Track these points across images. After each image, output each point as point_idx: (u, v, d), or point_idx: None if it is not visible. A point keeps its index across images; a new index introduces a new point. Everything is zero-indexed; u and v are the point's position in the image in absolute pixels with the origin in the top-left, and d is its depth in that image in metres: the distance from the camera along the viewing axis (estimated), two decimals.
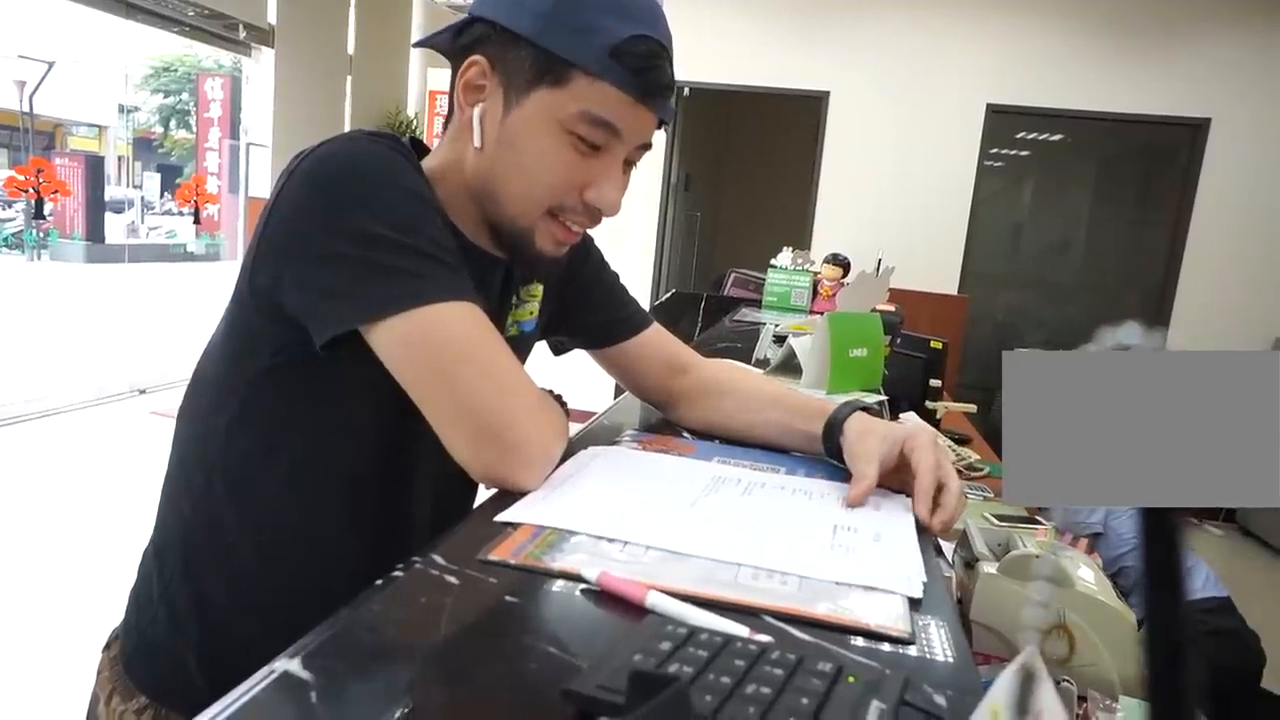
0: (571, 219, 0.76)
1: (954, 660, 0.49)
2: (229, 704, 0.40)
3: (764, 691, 0.39)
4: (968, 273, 5.65)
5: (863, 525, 0.69)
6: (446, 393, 0.66)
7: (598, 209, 0.76)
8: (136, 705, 0.76)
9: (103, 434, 4.48)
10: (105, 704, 0.78)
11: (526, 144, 0.73)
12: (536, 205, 0.75)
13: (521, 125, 0.72)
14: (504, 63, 0.72)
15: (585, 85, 0.70)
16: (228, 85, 13.72)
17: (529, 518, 0.64)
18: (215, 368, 0.76)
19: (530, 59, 0.71)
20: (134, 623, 0.79)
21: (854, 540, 0.65)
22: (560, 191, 0.74)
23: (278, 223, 0.68)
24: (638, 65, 0.70)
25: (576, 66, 0.70)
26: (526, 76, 0.71)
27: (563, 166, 0.73)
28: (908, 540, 0.67)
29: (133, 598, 0.81)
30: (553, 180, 0.74)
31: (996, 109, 5.49)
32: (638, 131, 0.74)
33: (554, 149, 0.72)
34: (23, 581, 2.78)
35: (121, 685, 0.77)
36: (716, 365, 1.03)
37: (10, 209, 14.36)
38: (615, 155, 0.75)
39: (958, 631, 0.53)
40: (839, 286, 2.90)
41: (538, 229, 0.76)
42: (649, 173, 5.91)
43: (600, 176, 0.74)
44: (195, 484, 0.76)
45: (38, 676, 2.27)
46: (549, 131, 0.72)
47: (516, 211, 0.75)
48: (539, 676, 0.45)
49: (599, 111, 0.71)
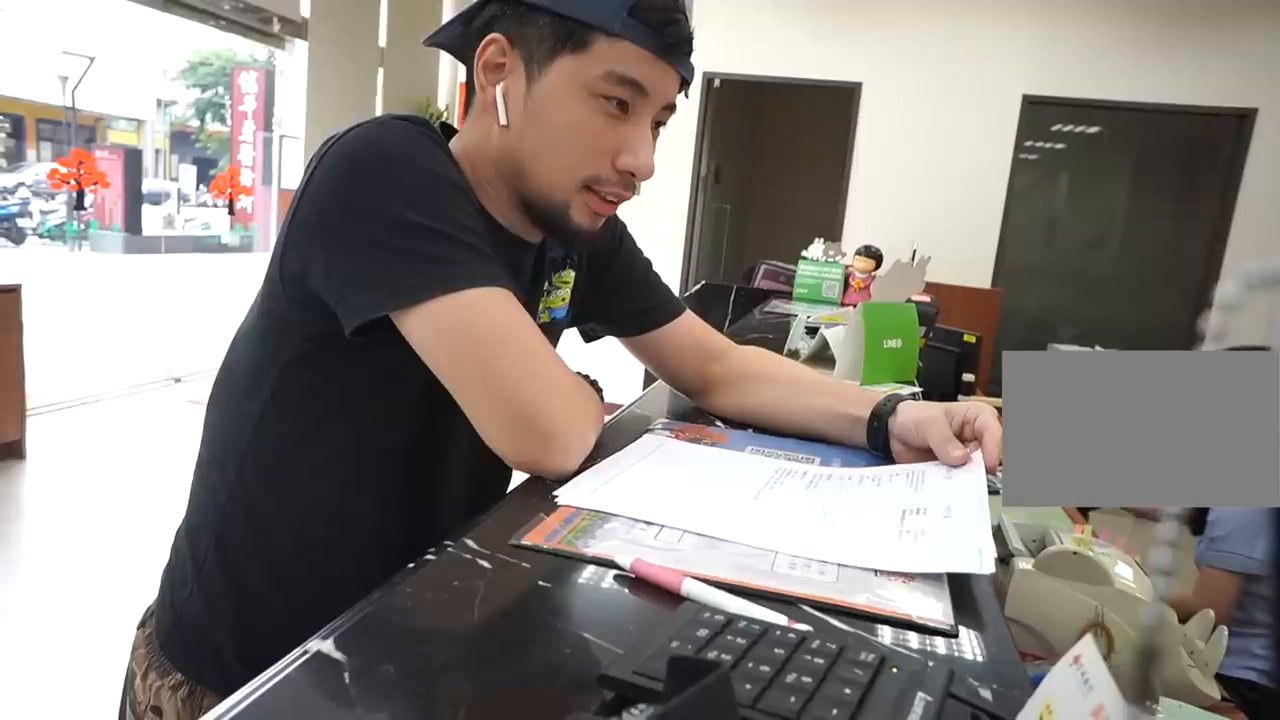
0: (607, 189, 0.75)
1: (997, 654, 0.48)
2: (263, 683, 0.40)
3: (805, 681, 0.38)
4: (1001, 266, 5.57)
5: (933, 503, 0.67)
6: (480, 379, 0.66)
7: (631, 174, 0.75)
8: (172, 681, 0.77)
9: (139, 422, 4.56)
10: (141, 679, 0.79)
11: (555, 114, 0.72)
12: (572, 177, 0.74)
13: (548, 96, 0.71)
14: (522, 37, 0.72)
15: (607, 46, 0.70)
16: (262, 78, 13.88)
17: (585, 500, 0.64)
18: (246, 354, 0.76)
19: (549, 28, 0.70)
20: (168, 602, 0.80)
21: (924, 523, 0.64)
22: (593, 159, 0.73)
23: (307, 209, 0.68)
24: (657, 21, 0.70)
25: (596, 28, 0.69)
26: (547, 46, 0.71)
27: (594, 133, 0.72)
28: (979, 512, 0.65)
29: (166, 576, 0.81)
30: (585, 148, 0.73)
31: (1033, 100, 5.40)
32: (663, 89, 0.73)
33: (583, 116, 0.72)
34: (63, 563, 2.85)
35: (157, 662, 0.78)
36: (752, 352, 1.02)
37: (52, 201, 14.67)
38: (643, 117, 0.74)
39: (1000, 624, 0.52)
40: (871, 279, 2.86)
41: (573, 202, 0.75)
42: (679, 165, 5.89)
43: (631, 140, 0.73)
44: (228, 469, 0.76)
45: (78, 653, 2.32)
46: (576, 99, 0.71)
47: (552, 186, 0.74)
48: (573, 662, 0.45)
49: (624, 70, 0.70)
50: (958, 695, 0.40)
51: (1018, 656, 0.48)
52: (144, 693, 0.78)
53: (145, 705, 0.78)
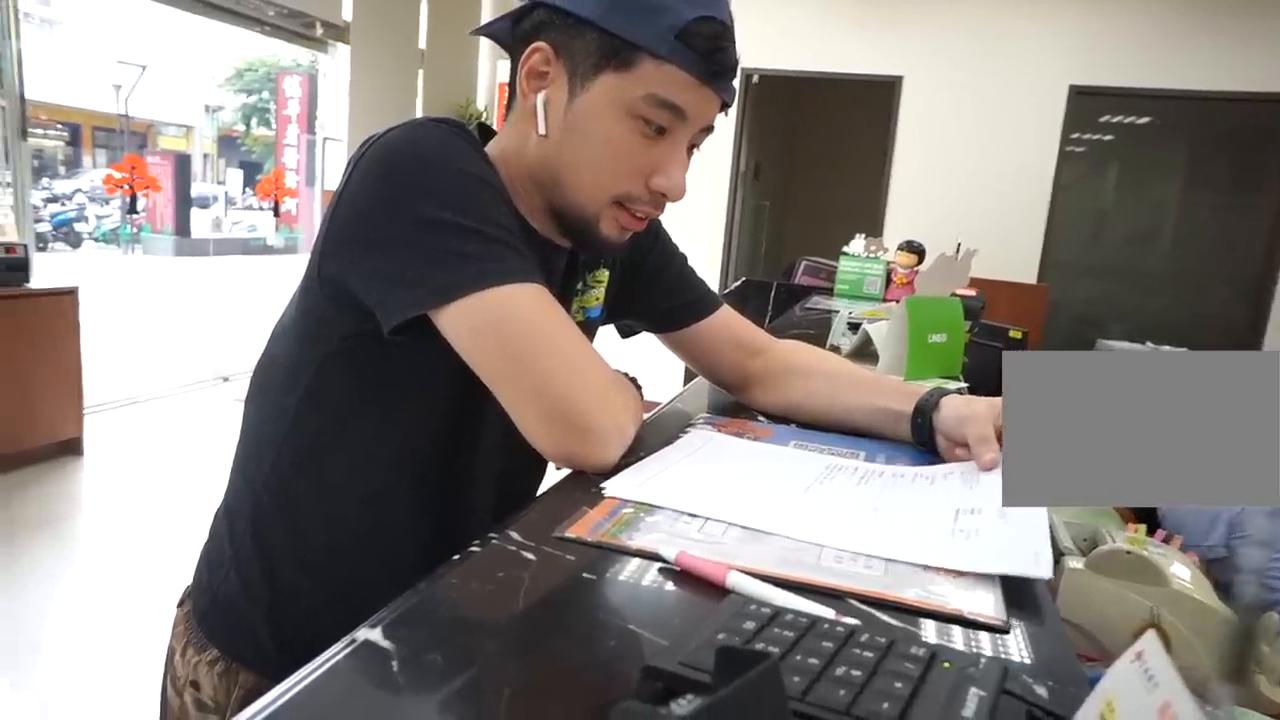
0: (637, 207, 0.75)
1: (1052, 651, 0.47)
2: (312, 670, 0.41)
3: (854, 674, 0.38)
4: (1047, 261, 5.46)
5: (988, 504, 0.66)
6: (517, 375, 0.66)
7: (663, 195, 0.75)
8: (210, 657, 0.79)
9: (189, 419, 4.68)
10: (181, 655, 0.81)
11: (593, 129, 0.72)
12: (604, 193, 0.74)
13: (588, 111, 0.72)
14: (568, 49, 0.72)
15: (652, 68, 0.70)
16: (305, 83, 14.12)
17: (633, 493, 0.64)
18: (284, 350, 0.77)
19: (595, 43, 0.70)
20: (205, 581, 0.82)
21: (978, 522, 0.62)
22: (626, 178, 0.73)
23: (345, 210, 0.69)
24: (704, 47, 0.69)
25: (643, 49, 0.69)
26: (592, 61, 0.71)
27: (629, 152, 0.72)
28: (1036, 514, 0.64)
29: (204, 556, 0.84)
30: (619, 166, 0.73)
31: (1080, 90, 5.28)
32: (702, 114, 0.73)
33: (621, 134, 0.72)
34: (117, 551, 2.94)
35: (195, 639, 0.80)
36: (792, 346, 1.01)
37: (107, 206, 15.12)
38: (680, 139, 0.74)
39: (1055, 621, 0.51)
40: (913, 274, 2.82)
41: (603, 216, 0.75)
42: (717, 162, 5.86)
43: (665, 162, 0.74)
44: (264, 459, 0.78)
45: (131, 632, 2.42)
46: (615, 117, 0.71)
47: (584, 199, 0.75)
48: (618, 653, 0.45)
49: (666, 94, 0.70)
50: (1012, 691, 0.39)
51: (1074, 654, 0.46)
52: (183, 668, 0.80)
53: (184, 680, 0.80)
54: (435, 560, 0.53)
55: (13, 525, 3.07)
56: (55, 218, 14.46)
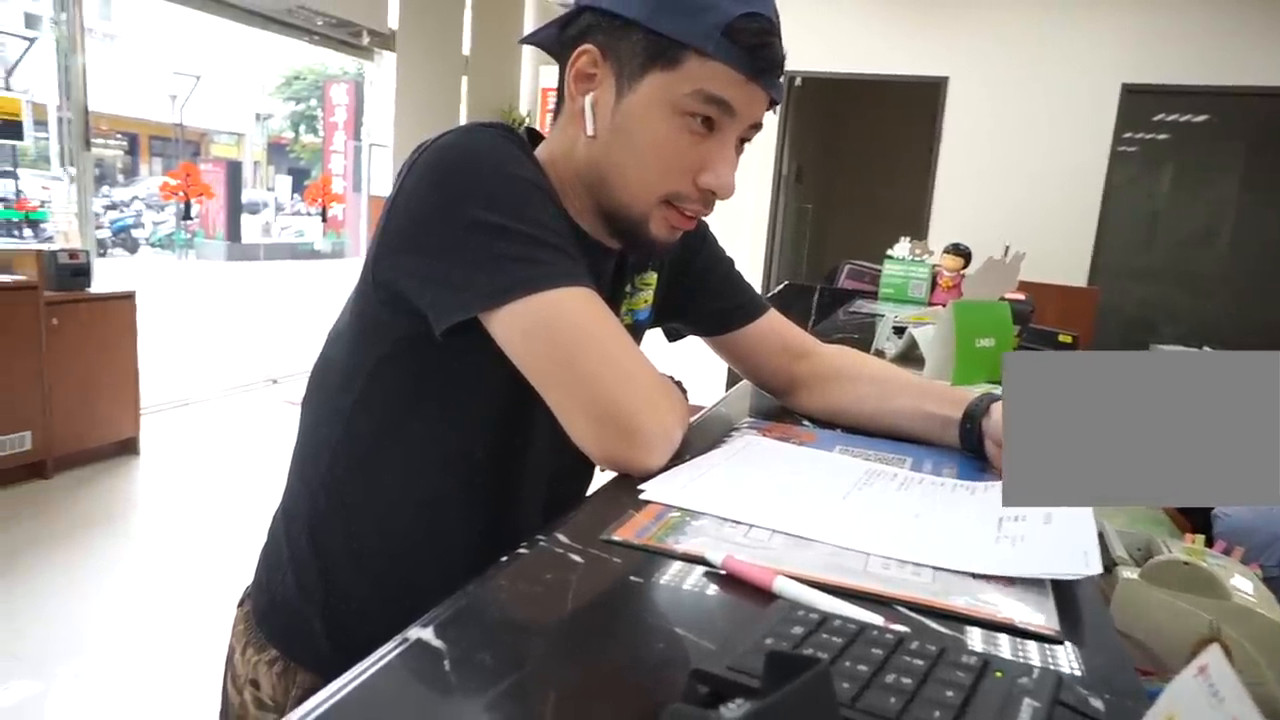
0: (686, 205, 0.76)
1: (1108, 663, 0.46)
2: (366, 668, 0.41)
3: (905, 682, 0.38)
4: (1099, 264, 5.33)
5: (1032, 510, 0.65)
6: (567, 378, 0.67)
7: (712, 193, 0.75)
8: (268, 657, 0.81)
9: (240, 421, 4.79)
10: (241, 654, 0.83)
11: (641, 128, 0.72)
12: (652, 192, 0.74)
13: (636, 110, 0.72)
14: (615, 50, 0.72)
15: (698, 65, 0.70)
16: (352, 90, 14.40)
17: (671, 497, 0.64)
18: (339, 353, 0.79)
19: (642, 43, 0.71)
20: (264, 582, 0.83)
21: (1023, 528, 0.62)
22: (675, 176, 0.74)
23: (398, 215, 0.70)
24: (750, 43, 0.69)
25: (689, 47, 0.69)
26: (639, 61, 0.71)
27: (677, 150, 0.73)
28: (1083, 515, 0.63)
29: (263, 558, 0.85)
30: (668, 164, 0.73)
31: (1133, 89, 5.15)
32: (750, 110, 0.73)
33: (669, 132, 0.72)
34: (173, 548, 3.02)
35: (254, 638, 0.82)
36: (838, 351, 1.00)
37: (162, 212, 15.57)
38: (728, 136, 0.74)
39: (1109, 632, 0.50)
40: (959, 277, 2.78)
41: (652, 216, 0.75)
42: (760, 165, 5.84)
43: (713, 159, 0.74)
44: (320, 461, 0.79)
45: (187, 629, 2.48)
46: (663, 115, 0.72)
47: (632, 199, 0.75)
48: (665, 656, 0.45)
49: (713, 90, 0.70)
50: (1067, 703, 0.39)
51: (1132, 666, 0.45)
52: (243, 666, 0.82)
53: (245, 678, 0.82)
54: (487, 562, 0.53)
55: (75, 521, 3.18)
56: (114, 224, 14.93)
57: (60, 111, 3.94)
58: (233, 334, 7.56)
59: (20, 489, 3.37)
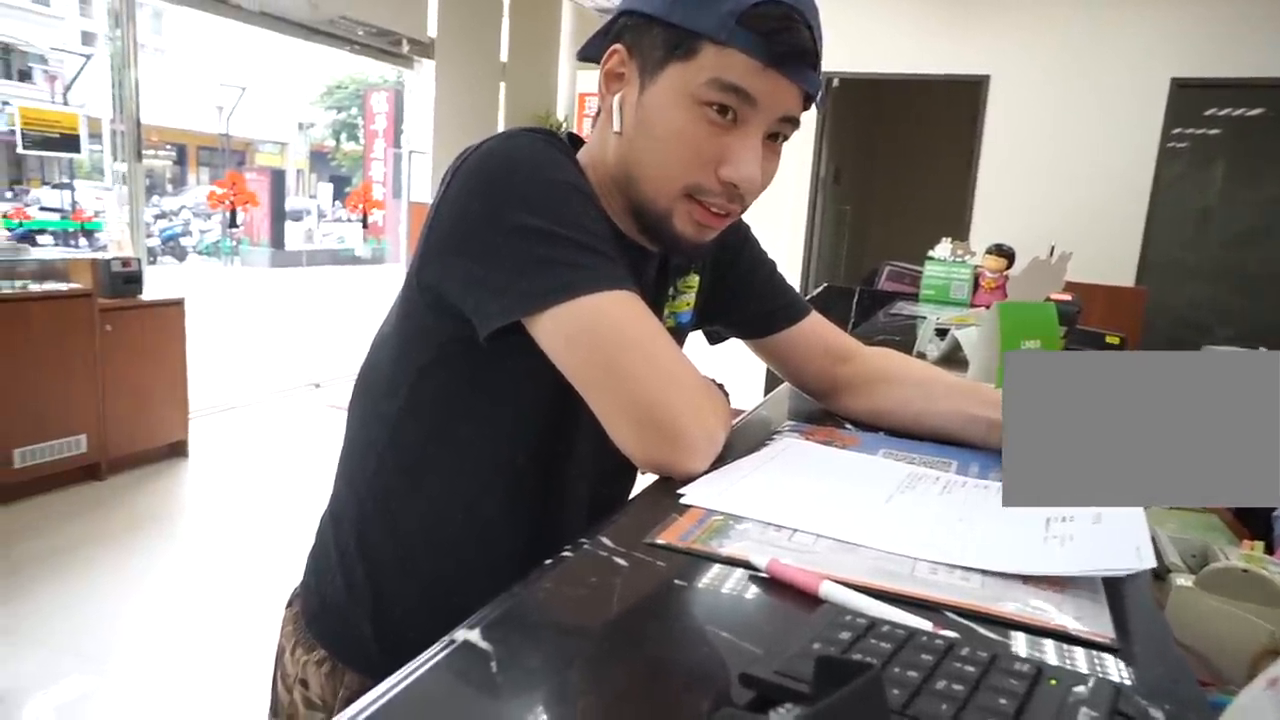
0: (711, 200, 0.74)
1: (1167, 673, 0.44)
2: (413, 670, 0.42)
3: (956, 688, 0.37)
4: (1147, 263, 5.20)
5: (1080, 510, 0.64)
6: (610, 381, 0.67)
7: (734, 186, 0.73)
8: (317, 657, 0.82)
9: (284, 424, 4.88)
10: (290, 654, 0.84)
11: (660, 120, 0.72)
12: (672, 183, 0.73)
13: (655, 102, 0.72)
14: (639, 47, 0.73)
15: (714, 54, 0.69)
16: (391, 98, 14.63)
17: (711, 501, 0.64)
18: (384, 358, 0.80)
19: (661, 36, 0.71)
20: (313, 585, 0.85)
21: (1071, 529, 0.60)
22: (694, 168, 0.72)
23: (442, 221, 0.71)
24: (767, 29, 0.68)
25: (704, 36, 0.69)
26: (659, 54, 0.71)
27: (695, 141, 0.72)
28: (1133, 512, 0.61)
29: (311, 561, 0.87)
30: (685, 155, 0.72)
31: (1182, 83, 5.01)
32: (774, 100, 0.71)
33: (686, 122, 0.71)
34: (221, 549, 3.09)
35: (303, 639, 0.83)
36: (881, 353, 0.99)
37: (209, 220, 15.96)
38: (752, 128, 0.72)
39: (1167, 641, 0.48)
40: (1003, 278, 2.73)
41: (676, 210, 0.75)
42: (797, 168, 5.80)
43: (735, 150, 0.72)
44: (367, 466, 0.80)
45: (236, 629, 2.54)
46: (681, 105, 0.71)
47: (655, 192, 0.74)
48: (710, 660, 0.45)
49: (729, 77, 0.69)
50: (1126, 713, 0.38)
51: (1192, 676, 0.44)
52: (292, 666, 0.84)
53: (294, 678, 0.83)
54: (531, 564, 0.54)
55: (128, 521, 3.26)
56: (163, 233, 15.34)
57: (113, 125, 4.06)
58: (277, 339, 7.72)
59: (77, 490, 3.48)
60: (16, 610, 2.51)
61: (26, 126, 3.71)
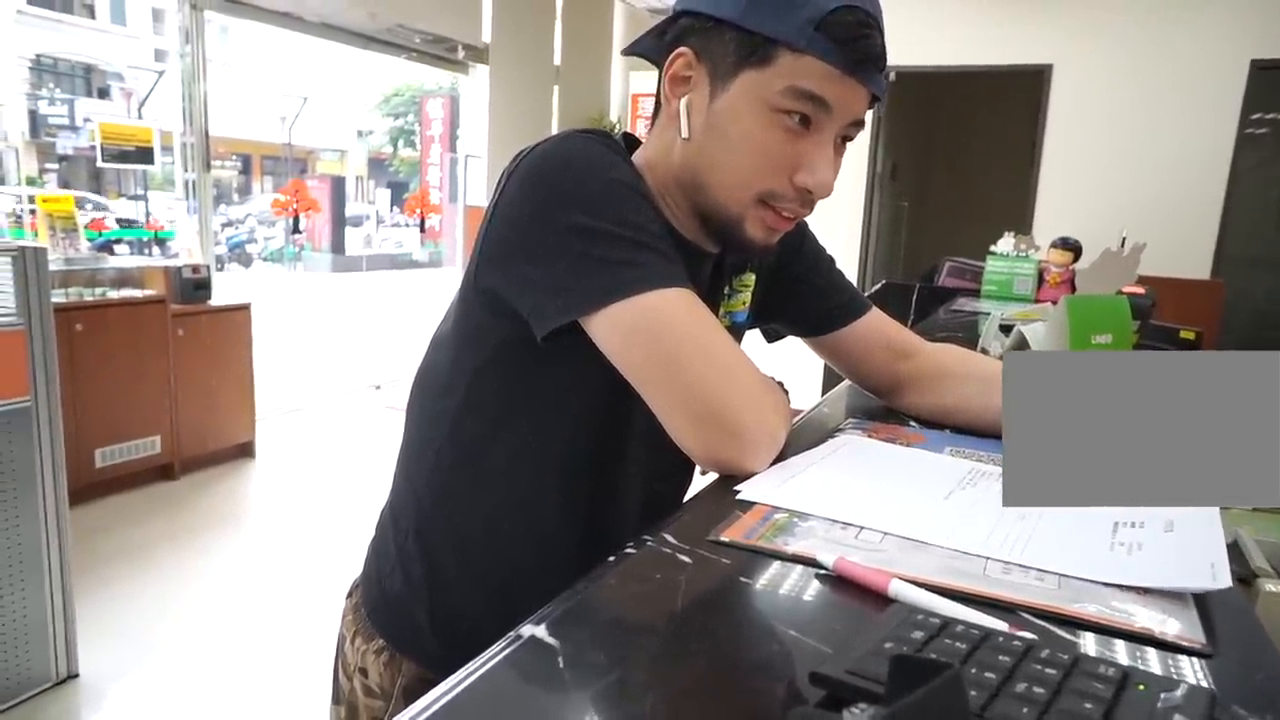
0: (783, 205, 0.74)
1: (1266, 680, 0.42)
2: (480, 665, 0.42)
3: (1037, 691, 0.36)
4: (1223, 255, 4.98)
5: (1151, 517, 0.61)
6: (669, 379, 0.66)
7: (808, 191, 0.73)
8: (376, 647, 0.84)
9: (346, 425, 5.00)
10: (350, 643, 0.86)
11: (734, 127, 0.72)
12: (746, 190, 0.73)
13: (728, 109, 0.71)
14: (709, 50, 0.72)
15: (790, 61, 0.68)
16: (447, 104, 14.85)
17: (768, 496, 0.63)
18: (442, 357, 0.81)
19: (735, 42, 0.70)
20: (373, 576, 0.86)
21: (1139, 536, 0.58)
22: (769, 174, 0.72)
23: (498, 222, 0.71)
24: (844, 36, 0.67)
25: (781, 43, 0.68)
26: (732, 59, 0.70)
27: (771, 148, 0.71)
28: (1208, 524, 0.59)
29: (371, 552, 0.88)
30: (761, 162, 0.72)
31: (1262, 65, 4.79)
32: (848, 106, 0.71)
33: (762, 130, 0.71)
34: (287, 544, 3.18)
35: (363, 628, 0.85)
36: (943, 349, 0.97)
37: (272, 228, 16.45)
38: (826, 134, 0.72)
39: (1264, 647, 0.46)
40: (1068, 273, 2.65)
41: (748, 216, 0.74)
42: (854, 164, 5.72)
43: (810, 157, 0.72)
44: (425, 462, 0.81)
45: (300, 619, 2.62)
46: (755, 112, 0.70)
47: (726, 199, 0.74)
48: (779, 658, 0.44)
49: (806, 85, 0.69)
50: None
51: None
52: (352, 655, 0.85)
53: (354, 666, 0.85)
54: (587, 560, 0.54)
55: (200, 519, 3.38)
56: (230, 240, 15.87)
57: (183, 137, 4.20)
58: (338, 342, 7.91)
59: (151, 489, 3.62)
60: (96, 602, 2.62)
61: (106, 141, 3.86)
